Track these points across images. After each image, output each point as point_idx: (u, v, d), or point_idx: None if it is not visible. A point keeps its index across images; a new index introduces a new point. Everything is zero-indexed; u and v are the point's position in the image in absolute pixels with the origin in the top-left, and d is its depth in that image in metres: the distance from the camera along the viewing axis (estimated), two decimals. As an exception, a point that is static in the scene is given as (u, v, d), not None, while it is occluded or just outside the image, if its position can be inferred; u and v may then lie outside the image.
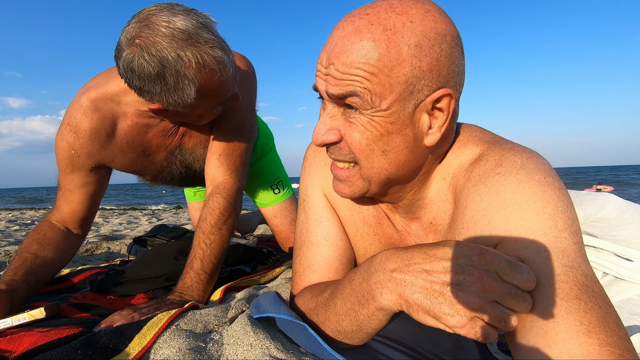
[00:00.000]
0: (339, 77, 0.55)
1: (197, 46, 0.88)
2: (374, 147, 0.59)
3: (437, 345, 0.71)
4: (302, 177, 0.84)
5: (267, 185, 1.74)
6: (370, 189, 0.64)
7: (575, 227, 0.53)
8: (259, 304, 0.73)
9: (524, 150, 0.60)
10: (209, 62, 0.89)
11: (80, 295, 1.10)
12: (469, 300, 0.44)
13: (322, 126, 0.61)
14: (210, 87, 0.94)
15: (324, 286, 0.68)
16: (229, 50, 0.96)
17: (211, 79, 0.92)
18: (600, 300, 0.46)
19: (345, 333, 0.60)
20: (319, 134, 0.61)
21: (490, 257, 0.45)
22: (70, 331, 0.71)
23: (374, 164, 0.60)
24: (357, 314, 0.56)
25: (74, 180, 1.16)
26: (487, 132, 0.69)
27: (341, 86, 0.56)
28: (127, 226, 3.90)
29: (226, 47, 0.95)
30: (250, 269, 1.30)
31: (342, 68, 0.54)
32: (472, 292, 0.44)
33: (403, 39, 0.53)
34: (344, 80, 0.55)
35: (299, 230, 0.81)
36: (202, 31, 0.89)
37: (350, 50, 0.54)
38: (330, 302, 0.62)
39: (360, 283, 0.55)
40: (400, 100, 0.55)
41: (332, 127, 0.61)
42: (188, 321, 0.75)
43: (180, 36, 0.86)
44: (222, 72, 0.93)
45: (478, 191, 0.59)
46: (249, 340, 0.65)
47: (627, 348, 0.42)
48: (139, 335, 0.68)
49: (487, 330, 0.44)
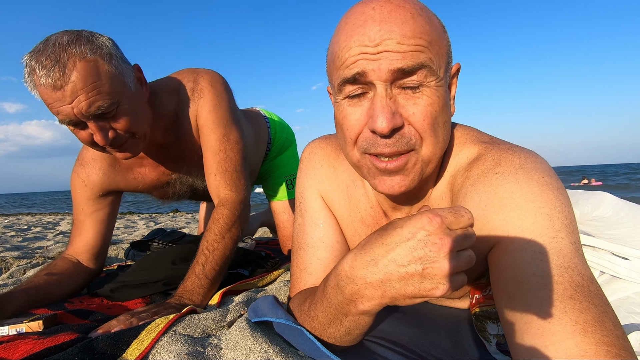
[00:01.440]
0: (405, 49, 0.51)
1: (37, 55, 0.87)
2: (439, 119, 0.57)
3: (435, 346, 0.71)
4: (299, 180, 0.84)
5: (282, 180, 1.81)
6: (424, 174, 0.60)
7: (572, 226, 0.53)
8: (257, 307, 0.73)
9: (522, 150, 0.61)
10: (37, 69, 0.86)
11: (77, 300, 1.09)
12: (443, 267, 0.44)
13: (387, 109, 0.53)
14: (44, 96, 0.89)
15: (306, 295, 0.68)
16: (70, 61, 0.87)
17: (42, 87, 0.88)
18: (596, 299, 0.46)
19: (335, 338, 0.60)
20: (387, 119, 0.53)
21: (439, 218, 0.44)
22: (66, 337, 0.71)
23: (439, 139, 0.58)
24: (341, 322, 0.56)
25: (84, 210, 1.23)
26: (483, 133, 0.69)
27: (410, 58, 0.52)
28: (124, 230, 3.88)
29: (66, 59, 0.87)
30: (249, 272, 1.30)
31: (405, 40, 0.51)
32: (442, 259, 0.44)
33: (434, 16, 0.57)
34: (411, 52, 0.52)
35: (296, 233, 0.81)
36: (55, 41, 0.88)
37: (407, 22, 0.52)
38: (312, 313, 0.61)
39: (335, 296, 0.54)
40: (446, 69, 0.58)
41: (396, 110, 0.55)
42: (186, 326, 0.75)
43: (37, 47, 0.88)
44: (50, 80, 0.86)
45: (476, 190, 0.59)
46: (247, 344, 0.64)
47: (624, 347, 0.43)
48: (137, 340, 0.68)
49: (463, 278, 0.46)
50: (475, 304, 0.75)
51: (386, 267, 0.46)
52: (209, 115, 1.16)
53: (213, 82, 1.20)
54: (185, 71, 1.24)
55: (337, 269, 0.53)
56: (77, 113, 0.89)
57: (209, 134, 1.16)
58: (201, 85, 1.18)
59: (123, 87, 0.96)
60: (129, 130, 1.00)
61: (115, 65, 0.94)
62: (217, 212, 1.12)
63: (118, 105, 0.95)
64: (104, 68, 0.91)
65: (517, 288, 0.50)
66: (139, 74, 1.07)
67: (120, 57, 0.98)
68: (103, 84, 0.90)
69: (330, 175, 0.78)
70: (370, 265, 0.47)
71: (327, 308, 0.56)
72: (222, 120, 1.17)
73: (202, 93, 1.17)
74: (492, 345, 0.70)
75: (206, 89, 1.17)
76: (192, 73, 1.22)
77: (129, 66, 1.02)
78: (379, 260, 0.47)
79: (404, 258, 0.45)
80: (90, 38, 0.92)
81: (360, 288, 0.49)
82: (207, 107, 1.16)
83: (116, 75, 0.94)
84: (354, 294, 0.50)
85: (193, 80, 1.19)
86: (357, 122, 0.57)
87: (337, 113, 0.61)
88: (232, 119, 1.21)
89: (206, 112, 1.16)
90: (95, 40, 0.92)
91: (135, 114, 1.00)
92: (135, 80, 1.04)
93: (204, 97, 1.17)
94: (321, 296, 0.58)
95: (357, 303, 0.50)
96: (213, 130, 1.16)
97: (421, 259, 0.44)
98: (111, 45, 0.96)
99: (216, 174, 1.15)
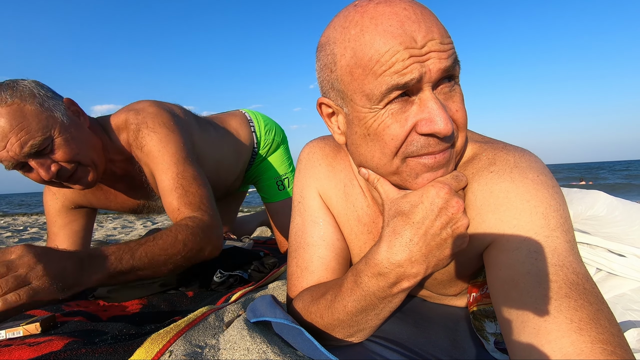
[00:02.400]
0: (445, 48, 0.51)
1: None
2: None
3: (434, 345, 0.71)
4: (297, 179, 0.84)
5: (272, 181, 1.81)
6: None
7: (567, 225, 0.53)
8: (255, 307, 0.73)
9: (516, 149, 0.61)
10: None
11: (74, 303, 1.08)
12: (465, 222, 0.53)
13: (442, 111, 0.52)
14: None
15: (324, 288, 0.68)
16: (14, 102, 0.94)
17: None
18: (591, 297, 0.46)
19: (359, 325, 0.63)
20: (447, 119, 0.51)
21: (446, 186, 0.54)
22: (60, 344, 0.70)
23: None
24: (376, 307, 0.60)
25: (57, 222, 1.23)
26: (476, 133, 0.70)
27: (450, 57, 0.52)
28: (121, 230, 3.87)
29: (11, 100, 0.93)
30: (248, 275, 1.29)
31: (444, 39, 0.52)
32: (462, 217, 0.53)
33: None
34: (450, 51, 0.52)
35: (294, 233, 0.81)
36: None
37: (437, 21, 0.53)
38: (338, 305, 0.63)
39: (375, 284, 0.57)
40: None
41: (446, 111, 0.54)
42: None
43: None
44: None
45: (472, 189, 0.59)
46: (245, 345, 0.64)
47: (619, 344, 0.43)
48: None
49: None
50: (473, 302, 0.75)
51: (424, 240, 0.52)
52: (157, 160, 1.09)
53: (156, 126, 1.13)
54: (129, 114, 1.17)
55: (373, 260, 0.56)
56: (13, 156, 0.93)
57: (162, 176, 1.09)
58: (143, 132, 1.13)
59: (53, 121, 0.99)
60: (72, 160, 1.02)
61: (40, 102, 0.98)
62: (181, 224, 0.98)
63: (52, 139, 0.98)
64: (28, 108, 0.95)
65: (512, 287, 0.51)
66: (73, 107, 1.09)
67: (44, 95, 1.00)
68: (30, 123, 0.94)
69: (329, 174, 0.78)
70: (410, 244, 0.53)
71: (360, 298, 0.60)
72: (172, 159, 1.10)
73: (145, 140, 1.12)
74: (490, 344, 0.71)
75: (148, 136, 1.12)
76: (135, 116, 1.15)
77: (58, 101, 1.05)
78: (416, 238, 0.52)
79: (436, 227, 0.52)
80: (11, 84, 0.97)
81: (405, 269, 0.54)
82: (154, 152, 1.10)
83: (42, 112, 0.98)
84: (399, 276, 0.55)
85: (136, 125, 1.14)
86: (403, 130, 0.53)
87: (371, 123, 0.55)
88: (183, 157, 1.12)
89: (153, 157, 1.10)
90: (16, 85, 0.97)
91: (74, 142, 1.02)
92: (69, 112, 1.06)
93: (148, 144, 1.11)
94: (352, 287, 0.60)
95: (402, 283, 0.55)
96: (165, 172, 1.09)
97: (448, 223, 0.52)
98: (33, 86, 1.00)
99: (179, 208, 1.04)
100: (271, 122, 1.85)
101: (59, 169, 1.00)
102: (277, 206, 1.81)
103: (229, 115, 1.72)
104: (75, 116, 1.08)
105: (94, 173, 1.08)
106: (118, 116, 1.19)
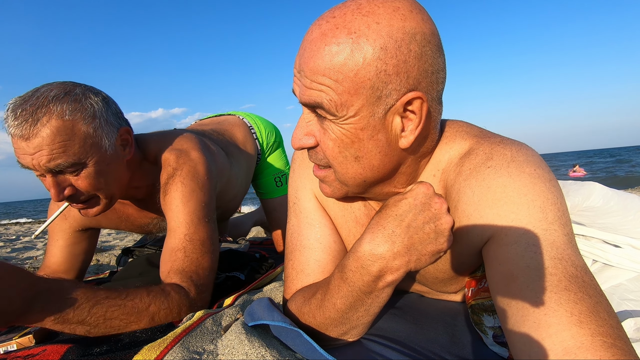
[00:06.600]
0: (308, 85, 0.54)
1: (19, 104, 0.87)
2: (346, 154, 0.58)
3: (433, 341, 0.71)
4: (291, 180, 0.82)
5: (270, 177, 1.82)
6: (349, 190, 0.65)
7: (565, 218, 0.53)
8: (253, 311, 0.72)
9: (512, 142, 0.61)
10: (10, 119, 0.87)
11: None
12: (449, 220, 0.53)
13: (299, 131, 0.61)
14: (12, 141, 0.89)
15: (315, 288, 0.68)
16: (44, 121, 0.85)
17: (11, 135, 0.88)
18: (590, 290, 0.46)
19: (351, 324, 0.63)
20: (296, 139, 0.61)
21: (430, 185, 0.54)
22: (57, 355, 0.69)
23: (348, 170, 0.60)
24: (363, 303, 0.59)
25: (58, 242, 1.19)
26: (474, 127, 0.69)
27: (309, 95, 0.55)
28: (116, 236, 3.83)
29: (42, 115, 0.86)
30: (245, 276, 1.29)
31: (310, 76, 0.54)
32: (445, 214, 0.53)
33: (367, 41, 0.50)
34: (312, 90, 0.54)
35: (290, 234, 0.80)
36: (41, 94, 0.88)
37: (316, 56, 0.52)
38: (327, 304, 0.62)
39: (359, 278, 0.56)
40: (368, 105, 0.53)
41: (309, 132, 0.61)
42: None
43: (25, 95, 0.89)
44: (19, 131, 0.86)
45: (469, 185, 0.59)
46: (244, 349, 0.64)
47: (619, 336, 0.43)
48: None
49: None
50: (472, 296, 0.75)
51: (407, 233, 0.52)
52: (173, 213, 1.05)
53: (187, 179, 1.08)
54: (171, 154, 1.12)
55: (356, 253, 0.56)
56: (35, 165, 0.88)
57: (170, 232, 1.04)
58: (174, 179, 1.08)
59: (96, 149, 0.93)
60: (91, 192, 0.97)
61: (95, 127, 0.92)
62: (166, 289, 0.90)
63: (84, 166, 0.93)
64: (79, 129, 0.89)
65: (512, 281, 0.51)
66: (125, 136, 1.03)
67: (105, 120, 0.94)
68: (73, 144, 0.89)
69: None
70: (393, 236, 0.52)
71: (347, 294, 0.59)
72: (187, 218, 1.04)
73: (171, 188, 1.07)
74: (488, 337, 0.71)
75: (175, 185, 1.07)
76: (176, 160, 1.10)
77: (114, 128, 0.98)
78: (399, 230, 0.52)
79: (419, 221, 0.52)
80: (80, 97, 0.90)
81: (388, 261, 0.53)
82: (173, 205, 1.05)
83: (91, 137, 0.92)
84: (382, 269, 0.54)
85: (172, 170, 1.09)
86: None
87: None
88: (199, 217, 1.06)
89: (170, 209, 1.05)
90: (83, 101, 0.91)
91: (103, 176, 0.97)
92: (119, 142, 1.01)
93: (171, 194, 1.07)
94: (339, 284, 0.60)
95: (385, 276, 0.54)
96: (174, 229, 1.03)
97: (431, 218, 0.52)
98: (100, 106, 0.94)
99: (169, 272, 0.98)
100: (270, 124, 1.85)
101: (74, 193, 0.95)
102: (275, 202, 1.82)
103: (233, 127, 1.66)
104: (121, 146, 1.02)
105: (105, 207, 1.03)
106: (161, 150, 1.13)
